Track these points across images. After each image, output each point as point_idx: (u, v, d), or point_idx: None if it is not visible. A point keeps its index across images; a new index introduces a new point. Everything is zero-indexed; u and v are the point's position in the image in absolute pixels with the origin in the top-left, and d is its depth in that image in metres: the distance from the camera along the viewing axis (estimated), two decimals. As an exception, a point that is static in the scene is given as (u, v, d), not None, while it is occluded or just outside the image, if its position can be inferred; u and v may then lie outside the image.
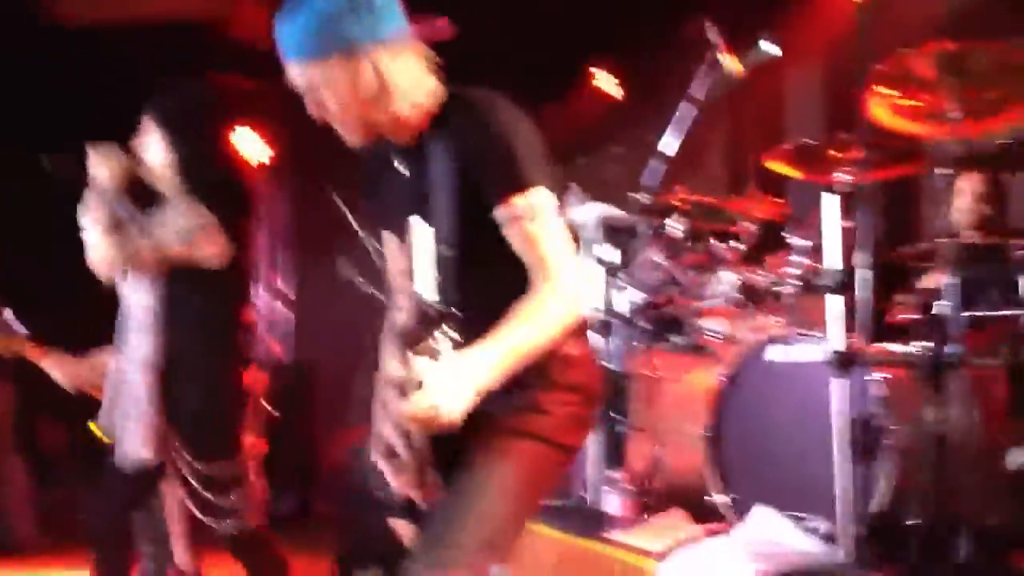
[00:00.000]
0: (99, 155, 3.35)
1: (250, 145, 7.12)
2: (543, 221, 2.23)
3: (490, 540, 2.21)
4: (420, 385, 2.02)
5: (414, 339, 2.06)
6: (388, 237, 2.53)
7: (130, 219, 3.37)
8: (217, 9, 6.62)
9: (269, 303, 7.11)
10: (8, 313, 3.92)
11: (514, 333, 2.16)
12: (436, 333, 2.04)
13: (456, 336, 2.06)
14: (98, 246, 3.31)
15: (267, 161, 7.16)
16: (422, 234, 2.34)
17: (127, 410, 3.36)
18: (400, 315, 2.52)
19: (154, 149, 3.43)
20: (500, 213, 2.23)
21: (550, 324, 2.20)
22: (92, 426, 3.48)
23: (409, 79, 2.29)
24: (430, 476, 2.32)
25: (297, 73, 2.27)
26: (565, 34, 5.94)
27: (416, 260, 2.36)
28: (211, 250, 3.36)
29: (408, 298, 2.43)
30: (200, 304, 3.40)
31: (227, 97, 6.89)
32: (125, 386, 3.39)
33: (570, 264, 2.25)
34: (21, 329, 3.91)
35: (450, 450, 2.26)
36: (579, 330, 2.33)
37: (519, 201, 2.21)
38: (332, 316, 6.23)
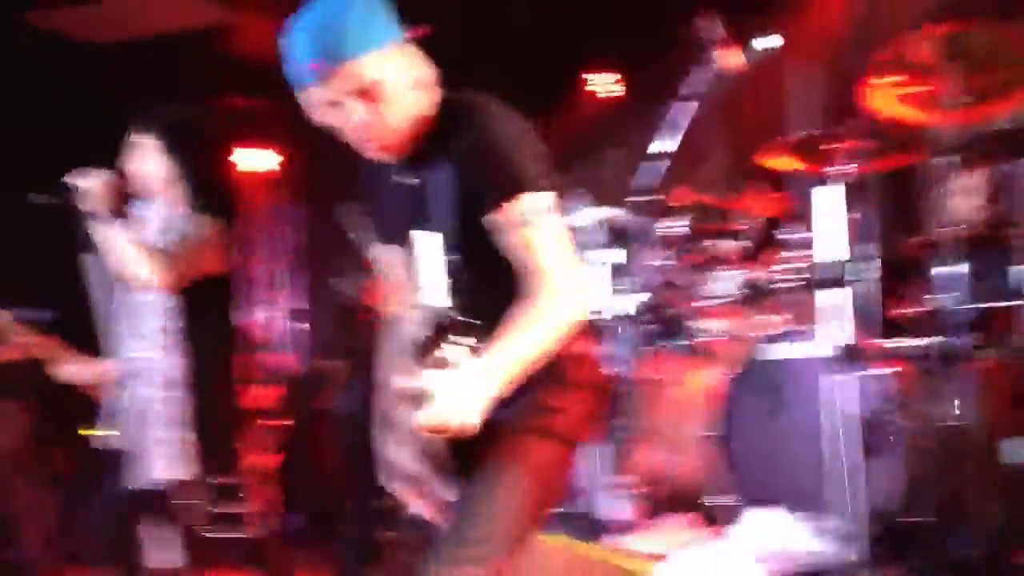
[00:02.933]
0: (94, 178, 3.28)
1: (253, 161, 7.12)
2: (539, 225, 2.18)
3: (505, 536, 2.20)
4: (432, 396, 1.99)
5: (424, 350, 2.02)
6: (392, 250, 2.49)
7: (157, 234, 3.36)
8: (219, 22, 6.52)
9: (279, 317, 7.09)
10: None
11: (518, 339, 2.12)
12: (447, 341, 2.01)
13: (471, 342, 2.02)
14: (134, 263, 3.25)
15: (273, 176, 7.16)
16: (427, 243, 2.32)
17: (149, 430, 3.32)
18: (408, 327, 2.47)
19: (149, 163, 3.41)
20: (493, 219, 2.19)
21: (552, 328, 2.16)
22: (92, 431, 3.44)
23: (406, 85, 2.25)
24: (442, 487, 2.33)
25: (301, 84, 2.24)
26: (562, 37, 5.88)
27: (422, 270, 2.34)
28: (217, 262, 3.37)
29: (415, 309, 2.39)
30: (205, 319, 3.38)
31: (228, 114, 6.88)
32: (143, 404, 3.35)
33: (569, 267, 2.21)
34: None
35: (467, 458, 2.25)
36: (585, 330, 2.31)
37: (513, 207, 2.17)
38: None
